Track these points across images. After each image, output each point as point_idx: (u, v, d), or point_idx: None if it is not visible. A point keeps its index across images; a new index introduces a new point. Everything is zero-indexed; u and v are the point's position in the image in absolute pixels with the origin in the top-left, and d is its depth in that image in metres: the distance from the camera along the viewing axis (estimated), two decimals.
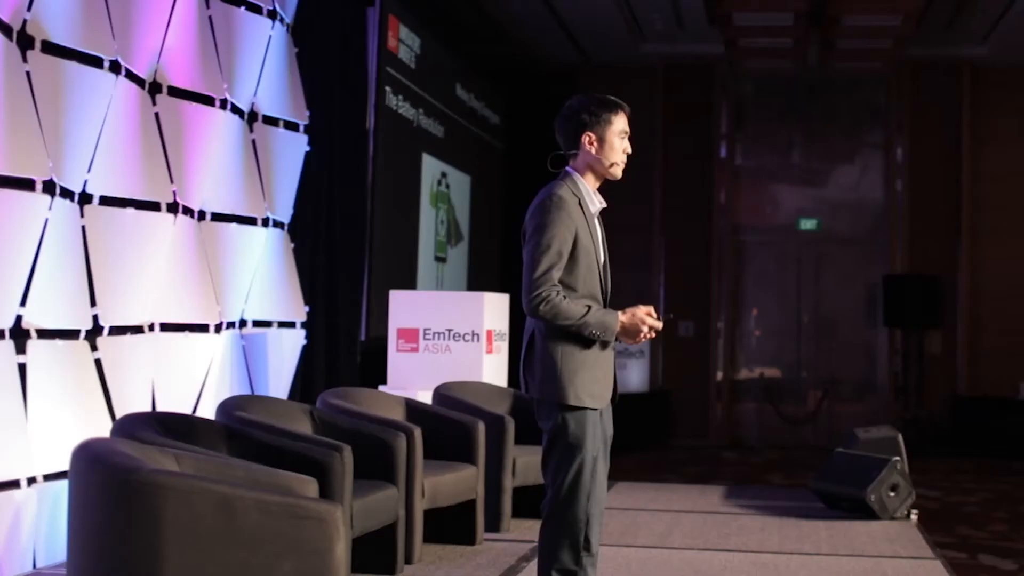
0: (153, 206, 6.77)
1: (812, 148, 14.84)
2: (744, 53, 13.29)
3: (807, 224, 14.85)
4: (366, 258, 9.51)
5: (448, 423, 6.34)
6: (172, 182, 6.95)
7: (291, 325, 8.46)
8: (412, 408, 6.52)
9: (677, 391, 14.50)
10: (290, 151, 8.43)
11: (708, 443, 14.28)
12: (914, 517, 7.74)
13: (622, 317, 4.27)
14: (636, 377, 14.56)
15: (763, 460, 13.18)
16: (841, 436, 14.39)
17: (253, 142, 8.00)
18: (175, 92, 7.05)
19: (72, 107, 6.00)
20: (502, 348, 8.12)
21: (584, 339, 4.21)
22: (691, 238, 14.74)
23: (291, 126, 8.42)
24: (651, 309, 4.36)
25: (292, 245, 8.45)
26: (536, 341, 4.28)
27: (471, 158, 12.56)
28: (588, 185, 4.43)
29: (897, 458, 7.58)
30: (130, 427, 4.37)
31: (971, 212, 14.24)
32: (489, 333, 7.75)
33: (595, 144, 4.40)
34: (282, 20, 8.24)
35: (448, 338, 7.72)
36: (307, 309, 8.54)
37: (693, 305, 14.73)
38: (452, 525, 6.51)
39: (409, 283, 10.43)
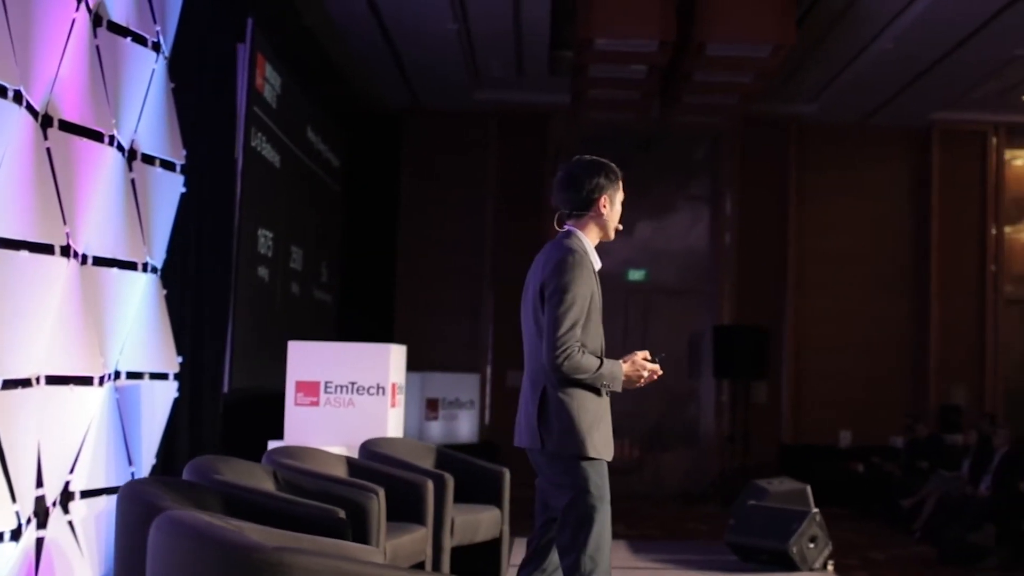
0: (47, 249, 6.23)
1: (642, 199, 14.99)
2: (589, 104, 13.33)
3: (635, 275, 15.00)
4: (231, 306, 9.03)
5: (398, 483, 5.99)
6: (65, 223, 6.42)
7: (164, 377, 7.94)
8: (356, 467, 6.16)
9: (506, 442, 14.29)
10: (166, 192, 7.93)
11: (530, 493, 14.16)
12: (831, 567, 7.78)
13: (624, 366, 4.43)
14: (466, 428, 14.42)
15: None
16: (665, 485, 14.69)
17: (132, 181, 7.49)
18: (66, 126, 6.53)
19: None
20: (401, 402, 7.81)
21: (594, 391, 4.33)
22: (520, 286, 14.57)
23: (168, 165, 7.93)
24: (647, 353, 4.53)
25: (164, 292, 7.94)
26: (550, 396, 4.36)
27: (319, 202, 12.20)
28: (591, 244, 4.55)
29: (816, 510, 7.61)
30: (163, 494, 3.93)
31: (796, 265, 14.64)
32: (394, 386, 7.44)
33: (607, 207, 4.58)
34: (165, 54, 7.78)
35: (352, 391, 7.37)
36: (179, 360, 8.04)
37: (522, 354, 14.59)
38: None
39: (266, 333, 9.99)
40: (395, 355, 7.63)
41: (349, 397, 7.40)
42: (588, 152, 15.46)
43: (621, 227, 4.67)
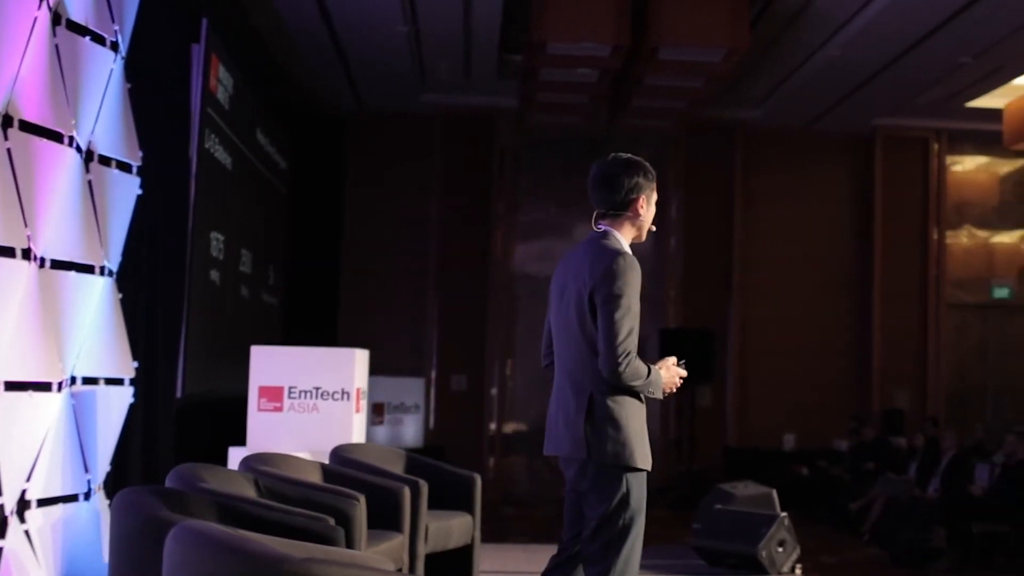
0: (8, 252, 6.09)
1: (587, 202, 14.95)
2: (538, 108, 13.30)
3: None
4: (184, 310, 8.89)
5: (375, 489, 5.91)
6: (26, 226, 6.27)
7: (119, 382, 7.79)
8: (332, 474, 6.07)
9: (450, 446, 14.29)
10: (122, 193, 7.78)
11: (484, 498, 14.11)
12: (798, 571, 7.81)
13: (661, 372, 4.30)
14: (411, 432, 14.35)
15: (545, 515, 13.12)
16: None
17: (90, 183, 7.34)
18: (26, 127, 6.38)
19: None
20: (365, 407, 7.72)
21: (637, 399, 4.21)
22: (466, 290, 14.62)
23: (124, 167, 7.78)
24: (675, 359, 4.41)
25: (119, 295, 7.79)
26: (598, 403, 4.19)
27: (267, 205, 12.07)
28: (626, 244, 4.40)
29: (784, 514, 7.63)
30: (160, 504, 3.83)
31: (741, 269, 14.72)
32: (358, 391, 7.35)
33: (644, 207, 4.43)
34: (122, 53, 7.63)
35: (316, 396, 7.27)
36: (135, 365, 7.89)
37: (466, 357, 14.61)
38: None
39: (217, 337, 9.86)
40: (360, 360, 7.54)
41: (313, 402, 7.30)
42: (532, 155, 15.34)
43: (654, 228, 4.52)
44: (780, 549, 7.66)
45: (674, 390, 4.37)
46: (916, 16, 10.72)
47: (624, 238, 4.40)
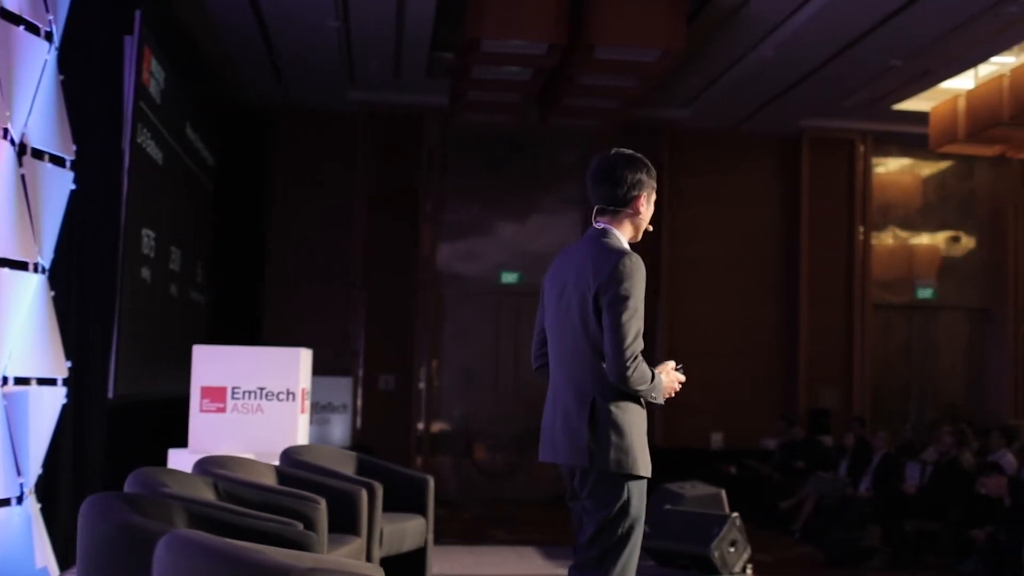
0: None
1: (516, 202, 14.94)
2: (468, 106, 13.19)
3: (508, 277, 14.92)
4: (116, 309, 8.66)
5: (331, 492, 5.76)
6: None
7: (52, 382, 7.55)
8: (287, 476, 5.91)
9: (378, 445, 14.13)
10: (56, 188, 7.54)
11: None
12: (750, 571, 7.80)
13: (662, 376, 4.16)
14: (338, 432, 14.22)
15: (474, 515, 13.06)
16: (538, 489, 14.65)
17: (23, 177, 7.10)
18: None
19: None
20: (309, 407, 7.57)
21: (639, 404, 4.09)
22: (393, 290, 14.49)
23: (58, 161, 7.54)
24: (673, 363, 4.30)
25: (52, 293, 7.55)
26: (601, 408, 4.06)
27: (196, 202, 11.84)
28: (625, 243, 4.27)
29: (736, 514, 7.62)
30: (130, 510, 3.67)
31: (669, 269, 14.75)
32: (303, 392, 7.19)
33: (645, 205, 4.30)
34: (56, 44, 7.40)
35: (260, 397, 7.10)
36: (69, 364, 7.66)
37: (394, 357, 14.48)
38: None
39: (148, 336, 9.63)
40: (304, 359, 7.38)
41: (258, 403, 7.12)
42: (460, 154, 15.21)
43: (651, 228, 4.40)
44: (732, 549, 7.66)
45: (673, 395, 4.25)
46: (851, 18, 10.79)
47: (623, 236, 4.27)
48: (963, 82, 13.11)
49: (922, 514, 10.38)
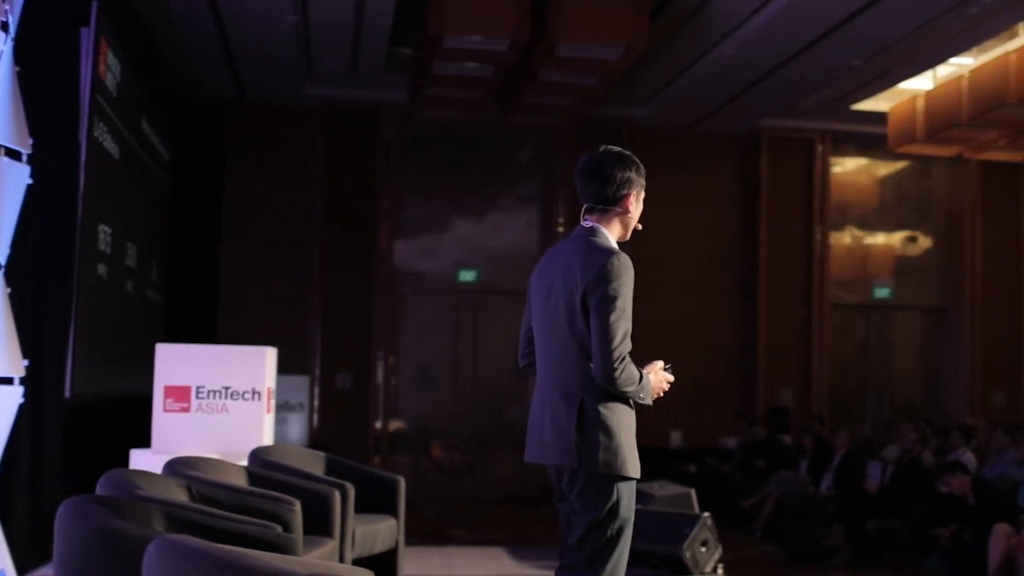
0: None
1: (474, 199, 14.85)
2: (427, 102, 13.08)
3: (466, 275, 14.83)
4: (73, 306, 8.48)
5: (303, 493, 5.64)
6: None
7: (8, 381, 7.37)
8: (257, 478, 5.79)
9: (335, 444, 13.98)
10: (12, 183, 7.36)
11: None
12: (720, 571, 7.75)
13: (651, 377, 4.12)
14: (296, 431, 14.10)
15: (433, 514, 12.96)
16: (496, 488, 14.57)
17: None
18: None
19: None
20: (274, 407, 7.43)
21: (628, 405, 4.04)
22: (350, 287, 14.35)
23: (14, 155, 7.37)
24: (661, 363, 4.25)
25: (8, 290, 7.37)
26: (589, 409, 4.00)
27: (151, 197, 11.66)
28: (614, 242, 4.21)
29: (707, 514, 7.57)
30: (111, 513, 3.54)
31: None
32: (269, 391, 7.06)
33: (634, 204, 4.23)
34: (11, 35, 7.23)
35: (225, 396, 6.96)
36: (26, 363, 7.48)
37: (351, 355, 14.35)
38: None
39: (104, 334, 9.45)
40: (270, 358, 7.25)
41: (223, 403, 6.99)
42: (417, 151, 15.08)
43: (640, 227, 4.33)
44: (703, 549, 7.61)
45: (662, 395, 4.20)
46: (813, 18, 10.79)
47: (612, 235, 4.21)
48: (922, 83, 13.17)
49: (883, 512, 10.40)
